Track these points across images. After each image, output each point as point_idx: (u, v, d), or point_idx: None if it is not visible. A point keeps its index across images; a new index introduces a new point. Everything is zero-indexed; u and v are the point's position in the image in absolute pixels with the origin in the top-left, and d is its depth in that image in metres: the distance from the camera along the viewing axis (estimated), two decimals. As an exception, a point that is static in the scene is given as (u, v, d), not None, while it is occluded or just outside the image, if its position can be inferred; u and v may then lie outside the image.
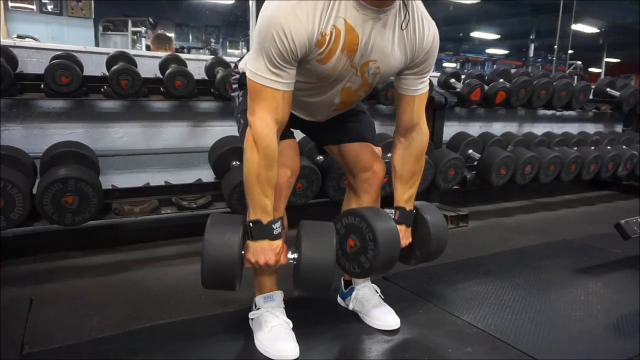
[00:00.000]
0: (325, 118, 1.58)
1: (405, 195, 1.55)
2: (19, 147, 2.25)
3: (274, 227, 1.34)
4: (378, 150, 1.66)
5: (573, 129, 4.33)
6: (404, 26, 1.32)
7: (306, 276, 1.35)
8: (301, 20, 1.20)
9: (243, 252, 1.35)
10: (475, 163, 3.18)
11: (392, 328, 1.61)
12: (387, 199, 1.63)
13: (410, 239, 1.59)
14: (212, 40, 11.09)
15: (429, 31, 1.38)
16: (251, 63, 1.28)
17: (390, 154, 1.61)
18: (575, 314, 1.79)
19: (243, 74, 1.37)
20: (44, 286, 1.93)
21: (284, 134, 1.50)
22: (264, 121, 1.27)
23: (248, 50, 1.57)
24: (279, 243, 1.36)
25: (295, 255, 1.38)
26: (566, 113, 4.27)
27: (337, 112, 1.57)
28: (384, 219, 1.46)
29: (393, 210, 1.56)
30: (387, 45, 1.32)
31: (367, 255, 1.42)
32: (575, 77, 8.94)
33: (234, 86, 1.55)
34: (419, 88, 1.46)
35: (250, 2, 4.54)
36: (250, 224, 1.34)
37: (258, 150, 1.27)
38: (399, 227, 1.51)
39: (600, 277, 2.19)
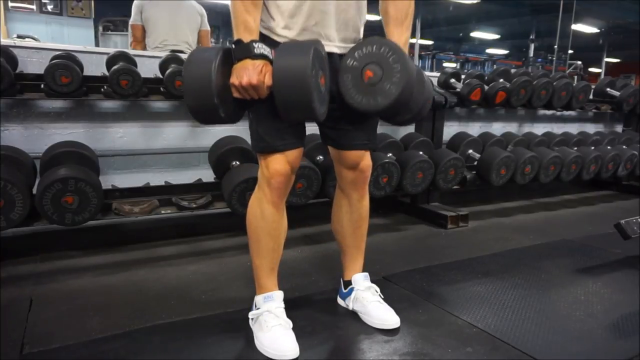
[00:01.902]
0: (338, 16, 1.48)
1: (402, 38, 1.50)
2: (19, 147, 2.25)
3: (256, 46, 1.28)
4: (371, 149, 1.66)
5: (573, 129, 4.33)
6: None
7: (282, 92, 1.27)
8: None
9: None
10: (475, 163, 3.18)
11: (392, 328, 1.61)
12: (385, 200, 1.63)
13: None
14: (212, 40, 11.09)
15: None
16: None
17: (390, 154, 1.60)
18: (575, 314, 1.79)
19: None
20: (44, 286, 1.93)
21: (297, 141, 1.48)
22: None
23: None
24: (260, 62, 1.28)
25: None
26: (566, 113, 4.27)
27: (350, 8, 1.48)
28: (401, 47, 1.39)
29: None
30: None
31: (393, 79, 1.32)
32: (575, 77, 8.95)
33: None
34: None
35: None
36: (233, 46, 1.30)
37: None
38: None
39: (600, 277, 2.19)
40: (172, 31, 3.37)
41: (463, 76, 3.50)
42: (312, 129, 1.66)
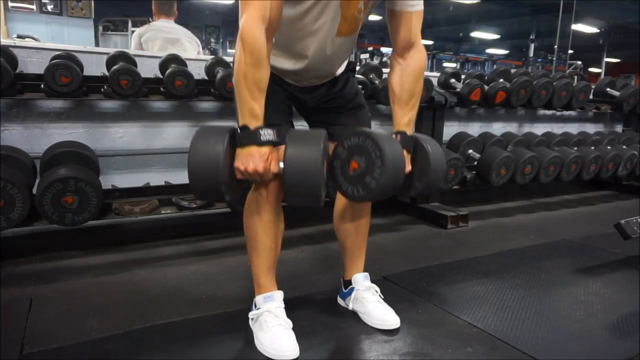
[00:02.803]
0: (331, 60, 1.52)
1: (405, 118, 1.52)
2: (19, 147, 2.25)
3: (262, 133, 1.29)
4: None
5: (573, 129, 4.33)
6: None
7: (292, 180, 1.29)
8: None
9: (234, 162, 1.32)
10: (475, 163, 3.18)
11: (392, 328, 1.61)
12: (385, 200, 1.63)
13: (410, 167, 1.54)
14: (212, 40, 11.10)
15: None
16: None
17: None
18: (575, 314, 1.79)
19: None
20: (44, 286, 1.93)
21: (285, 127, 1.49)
22: (252, 18, 1.25)
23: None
24: (267, 149, 1.30)
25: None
26: (566, 113, 4.27)
27: (341, 45, 1.50)
28: (390, 139, 1.41)
29: (393, 135, 1.52)
30: None
31: (374, 174, 1.35)
32: (575, 77, 8.95)
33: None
34: (415, 4, 1.45)
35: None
36: (238, 131, 1.30)
37: (244, 47, 1.24)
38: None
39: (600, 277, 2.19)
40: (170, 44, 3.42)
41: (463, 76, 3.50)
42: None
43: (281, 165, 1.32)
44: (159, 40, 3.41)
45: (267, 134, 1.29)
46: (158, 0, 3.52)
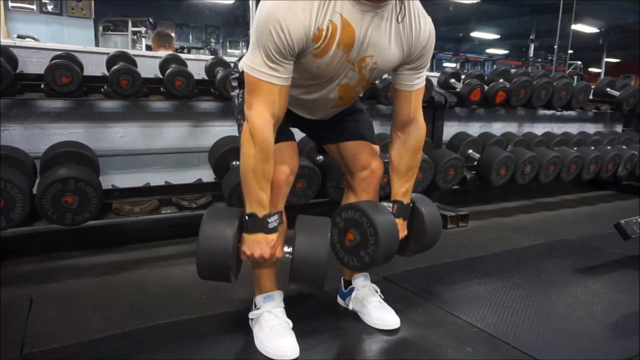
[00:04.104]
0: (325, 115, 1.59)
1: (402, 189, 1.57)
2: (19, 147, 2.25)
3: (270, 221, 1.35)
4: (377, 148, 1.66)
5: (573, 129, 4.33)
6: (399, 19, 1.33)
7: (299, 270, 1.37)
8: (298, 15, 1.21)
9: (240, 245, 1.37)
10: (475, 163, 3.18)
11: (392, 328, 1.61)
12: (385, 200, 1.63)
13: (406, 232, 1.60)
14: (212, 40, 11.10)
15: (425, 27, 1.39)
16: (248, 58, 1.29)
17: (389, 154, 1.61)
18: (575, 314, 1.79)
19: (242, 73, 1.38)
20: (44, 286, 1.93)
21: (285, 135, 1.51)
22: (261, 115, 1.28)
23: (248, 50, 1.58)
24: (274, 237, 1.37)
25: (291, 249, 1.39)
26: (566, 113, 4.27)
27: (336, 110, 1.57)
28: (384, 213, 1.47)
29: (391, 204, 1.57)
30: (383, 41, 1.34)
31: (368, 250, 1.43)
32: (575, 77, 8.95)
33: (234, 84, 1.55)
34: (416, 83, 1.48)
35: (250, 2, 4.55)
36: (246, 217, 1.35)
37: (255, 143, 1.28)
38: (396, 220, 1.52)
39: (600, 277, 2.19)
40: None
41: (463, 76, 3.50)
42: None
43: (286, 249, 1.40)
44: None
45: (274, 221, 1.36)
46: (157, 35, 3.66)
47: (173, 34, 3.83)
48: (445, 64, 17.16)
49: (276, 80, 1.27)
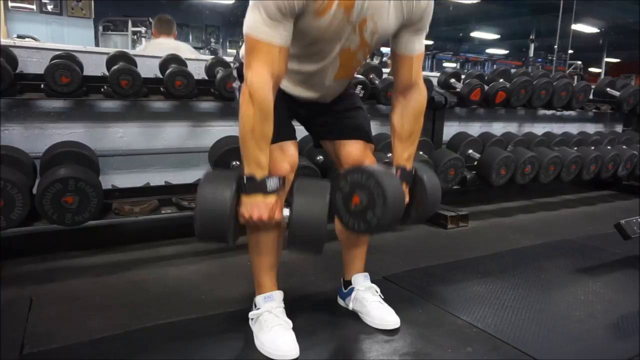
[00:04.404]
0: (326, 94, 1.57)
1: (405, 153, 1.56)
2: (19, 147, 2.24)
3: (268, 183, 1.33)
4: (371, 147, 1.66)
5: (573, 129, 4.33)
6: None
7: (297, 231, 1.35)
8: None
9: (238, 207, 1.35)
10: (475, 163, 3.18)
11: (392, 328, 1.61)
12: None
13: (408, 199, 1.58)
14: (212, 40, 11.10)
15: None
16: (248, 18, 1.29)
17: (390, 154, 1.61)
18: (575, 314, 1.79)
19: (243, 65, 1.37)
20: (44, 286, 1.93)
21: (287, 134, 1.50)
22: (260, 75, 1.27)
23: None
24: (272, 199, 1.34)
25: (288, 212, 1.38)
26: (566, 113, 4.27)
27: (338, 85, 1.56)
28: (391, 176, 1.45)
29: (394, 169, 1.56)
30: (383, 3, 1.34)
31: (375, 211, 1.39)
32: (575, 77, 8.94)
33: (235, 75, 1.55)
34: (417, 48, 1.48)
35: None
36: (244, 179, 1.33)
37: (253, 103, 1.27)
38: None
39: (600, 277, 2.19)
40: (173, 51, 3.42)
41: (463, 76, 3.50)
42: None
43: (285, 212, 1.37)
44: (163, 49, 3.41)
45: (273, 183, 1.34)
46: (158, 21, 3.56)
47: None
48: (445, 64, 17.16)
49: (276, 39, 1.26)
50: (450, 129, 3.50)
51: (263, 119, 1.29)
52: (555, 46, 9.12)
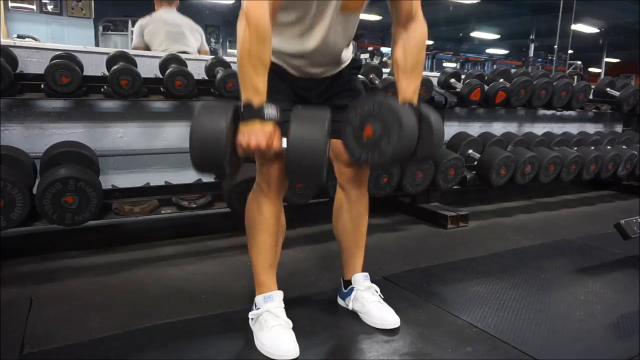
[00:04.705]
0: (330, 61, 1.54)
1: (411, 87, 1.53)
2: (19, 147, 2.25)
3: (266, 110, 1.29)
4: None
5: (573, 129, 4.33)
6: None
7: (295, 158, 1.30)
8: None
9: (236, 138, 1.32)
10: (475, 163, 3.18)
11: (392, 327, 1.61)
12: (385, 200, 1.63)
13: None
14: (212, 40, 11.09)
15: None
16: None
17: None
18: (575, 314, 1.79)
19: None
20: (44, 286, 1.93)
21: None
22: None
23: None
24: (270, 126, 1.30)
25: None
26: (566, 113, 4.27)
27: (342, 37, 1.51)
28: (402, 106, 1.43)
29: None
30: None
31: (391, 138, 1.35)
32: (575, 77, 8.94)
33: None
34: None
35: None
36: (241, 106, 1.31)
37: (249, 25, 1.26)
38: None
39: (600, 277, 2.19)
40: (173, 38, 3.39)
41: (463, 76, 3.50)
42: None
43: (284, 143, 1.32)
44: (162, 35, 3.37)
45: (271, 110, 1.30)
46: None
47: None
48: (445, 64, 17.16)
49: None
50: (450, 129, 3.50)
51: (259, 41, 1.27)
52: (555, 46, 9.12)
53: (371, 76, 3.02)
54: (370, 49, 12.69)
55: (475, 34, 16.47)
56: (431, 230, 2.87)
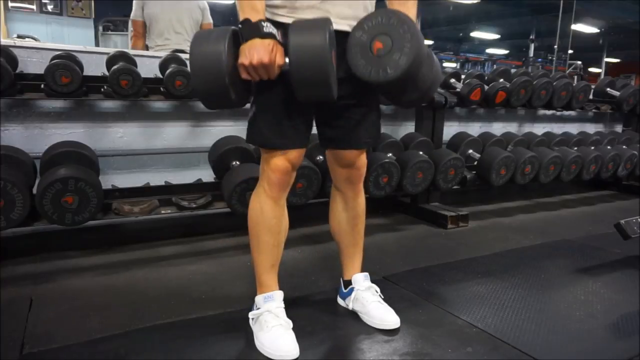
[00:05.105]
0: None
1: (409, 14, 1.46)
2: (19, 147, 2.25)
3: (264, 25, 1.27)
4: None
5: (573, 129, 4.33)
6: None
7: (300, 69, 1.26)
8: None
9: (237, 62, 1.29)
10: (475, 163, 3.18)
11: (392, 327, 1.61)
12: (385, 200, 1.63)
13: None
14: (212, 39, 11.09)
15: None
16: None
17: (390, 154, 1.61)
18: (575, 314, 1.79)
19: None
20: (44, 286, 1.93)
21: (298, 141, 1.47)
22: None
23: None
24: (270, 41, 1.27)
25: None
26: (566, 113, 4.27)
27: None
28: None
29: None
30: None
31: (404, 50, 1.30)
32: (575, 77, 8.95)
33: None
34: None
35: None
36: (240, 25, 1.29)
37: None
38: None
39: (600, 277, 2.19)
40: (173, 26, 3.37)
41: (463, 76, 3.50)
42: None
43: (287, 60, 1.29)
44: (162, 23, 3.34)
45: (269, 26, 1.28)
46: None
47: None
48: (445, 64, 17.18)
49: None
50: (450, 129, 3.50)
51: None
52: (555, 46, 9.14)
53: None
54: None
55: (475, 34, 16.48)
56: (431, 230, 2.87)
